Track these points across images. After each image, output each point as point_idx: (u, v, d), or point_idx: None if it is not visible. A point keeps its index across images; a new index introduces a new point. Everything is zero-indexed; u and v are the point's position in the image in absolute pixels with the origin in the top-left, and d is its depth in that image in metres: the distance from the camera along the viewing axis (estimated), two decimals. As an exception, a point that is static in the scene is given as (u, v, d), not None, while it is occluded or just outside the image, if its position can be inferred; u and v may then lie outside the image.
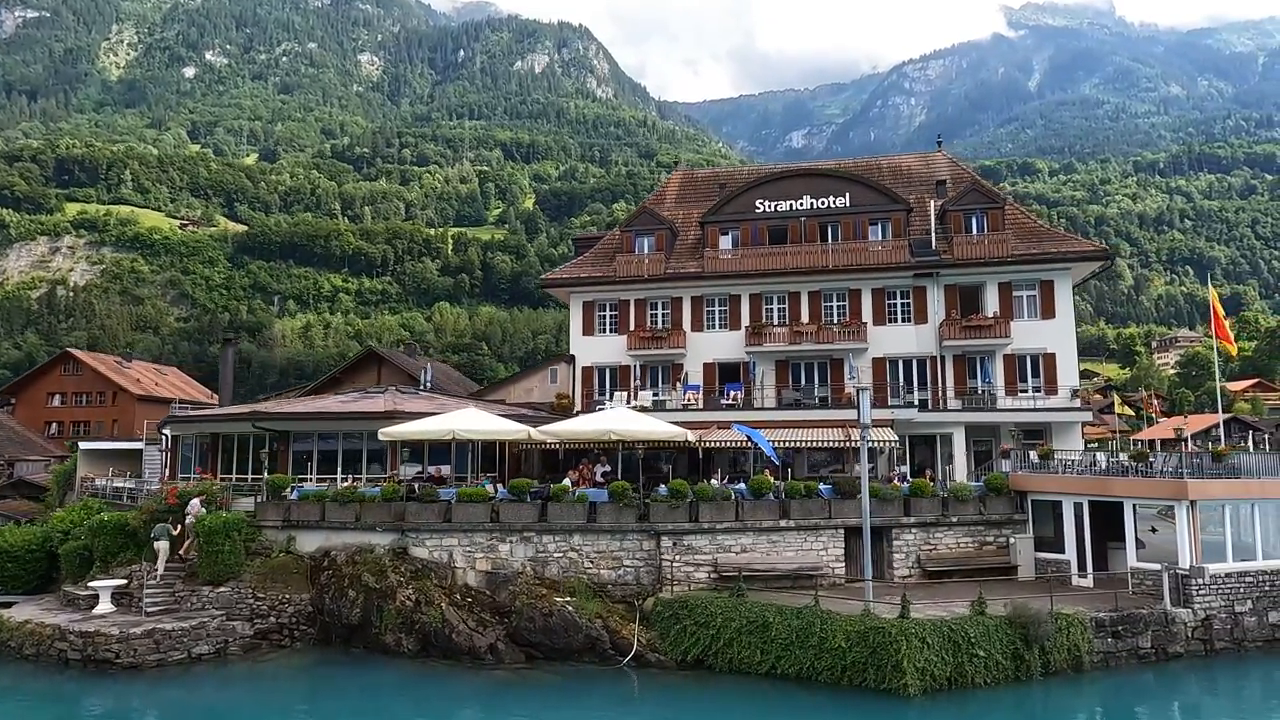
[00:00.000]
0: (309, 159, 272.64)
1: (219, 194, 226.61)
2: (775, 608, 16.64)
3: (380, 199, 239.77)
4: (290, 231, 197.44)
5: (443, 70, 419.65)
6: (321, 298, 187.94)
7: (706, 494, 19.00)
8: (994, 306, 28.59)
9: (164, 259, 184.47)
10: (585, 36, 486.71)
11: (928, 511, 20.55)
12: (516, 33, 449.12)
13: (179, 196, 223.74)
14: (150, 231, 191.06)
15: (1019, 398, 27.94)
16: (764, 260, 29.90)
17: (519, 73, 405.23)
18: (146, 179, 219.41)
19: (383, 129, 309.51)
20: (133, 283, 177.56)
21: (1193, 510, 18.54)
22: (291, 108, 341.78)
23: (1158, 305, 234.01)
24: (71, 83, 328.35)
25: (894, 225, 29.78)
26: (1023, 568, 20.76)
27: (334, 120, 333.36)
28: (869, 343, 29.19)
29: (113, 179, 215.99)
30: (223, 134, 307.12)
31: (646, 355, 30.55)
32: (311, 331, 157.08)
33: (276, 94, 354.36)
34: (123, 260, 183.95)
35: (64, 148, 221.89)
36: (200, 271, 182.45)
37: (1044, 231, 29.27)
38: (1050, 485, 20.83)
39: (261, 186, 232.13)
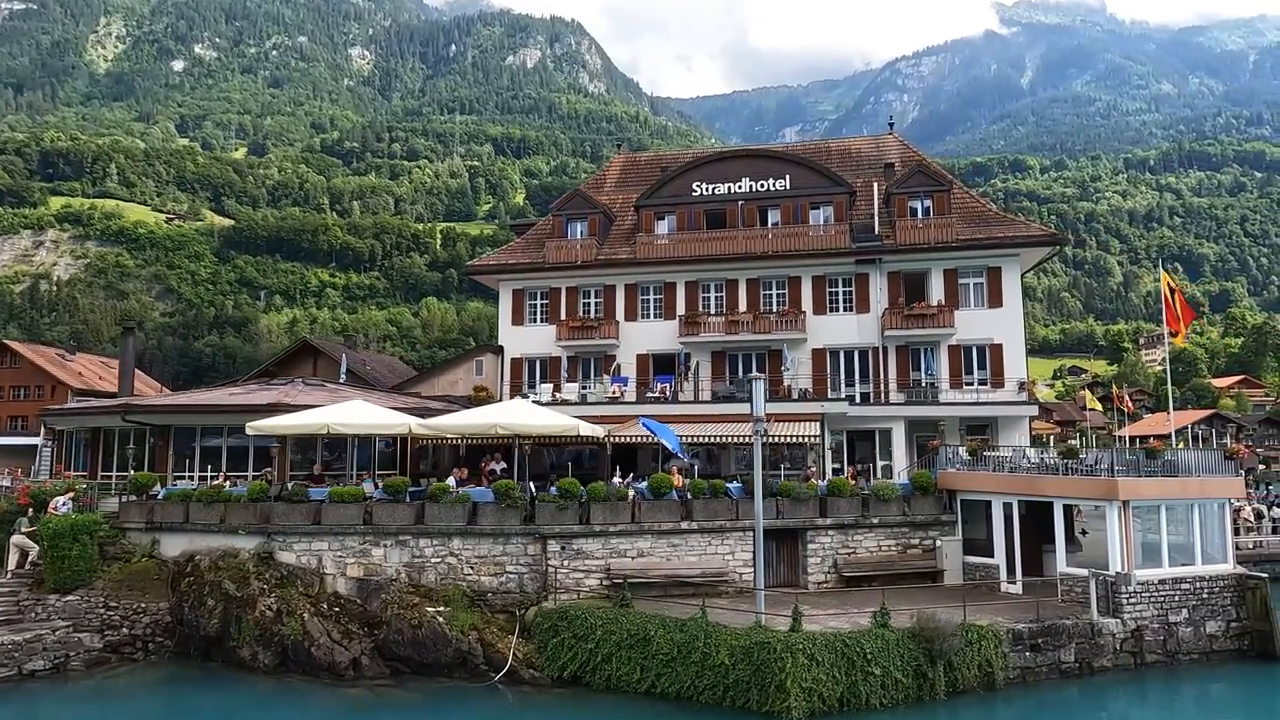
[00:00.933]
0: (298, 153, 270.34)
1: (206, 188, 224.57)
2: (659, 619, 15.10)
3: (369, 194, 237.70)
4: (277, 226, 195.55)
5: (434, 64, 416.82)
6: (308, 292, 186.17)
7: (599, 494, 17.43)
8: (939, 295, 27.09)
9: (149, 253, 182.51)
10: (578, 31, 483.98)
11: (846, 512, 19.02)
12: (508, 27, 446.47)
13: (165, 190, 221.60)
14: (135, 225, 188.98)
15: (964, 391, 26.47)
16: (699, 245, 28.32)
17: (511, 67, 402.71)
18: (132, 172, 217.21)
19: (373, 123, 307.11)
20: (117, 277, 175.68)
21: (1125, 511, 17.05)
22: (281, 102, 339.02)
23: (1146, 302, 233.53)
24: (58, 75, 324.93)
25: (836, 209, 28.23)
26: (949, 573, 19.25)
27: (324, 114, 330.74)
28: (808, 333, 27.66)
29: (98, 172, 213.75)
30: (211, 128, 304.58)
31: (577, 346, 28.97)
32: (298, 326, 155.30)
33: (266, 88, 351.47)
34: (107, 254, 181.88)
35: (49, 141, 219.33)
36: (186, 266, 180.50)
37: (992, 216, 27.75)
38: (979, 484, 19.33)
39: (249, 180, 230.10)
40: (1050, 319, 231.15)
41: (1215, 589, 17.27)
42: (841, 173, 30.13)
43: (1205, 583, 17.22)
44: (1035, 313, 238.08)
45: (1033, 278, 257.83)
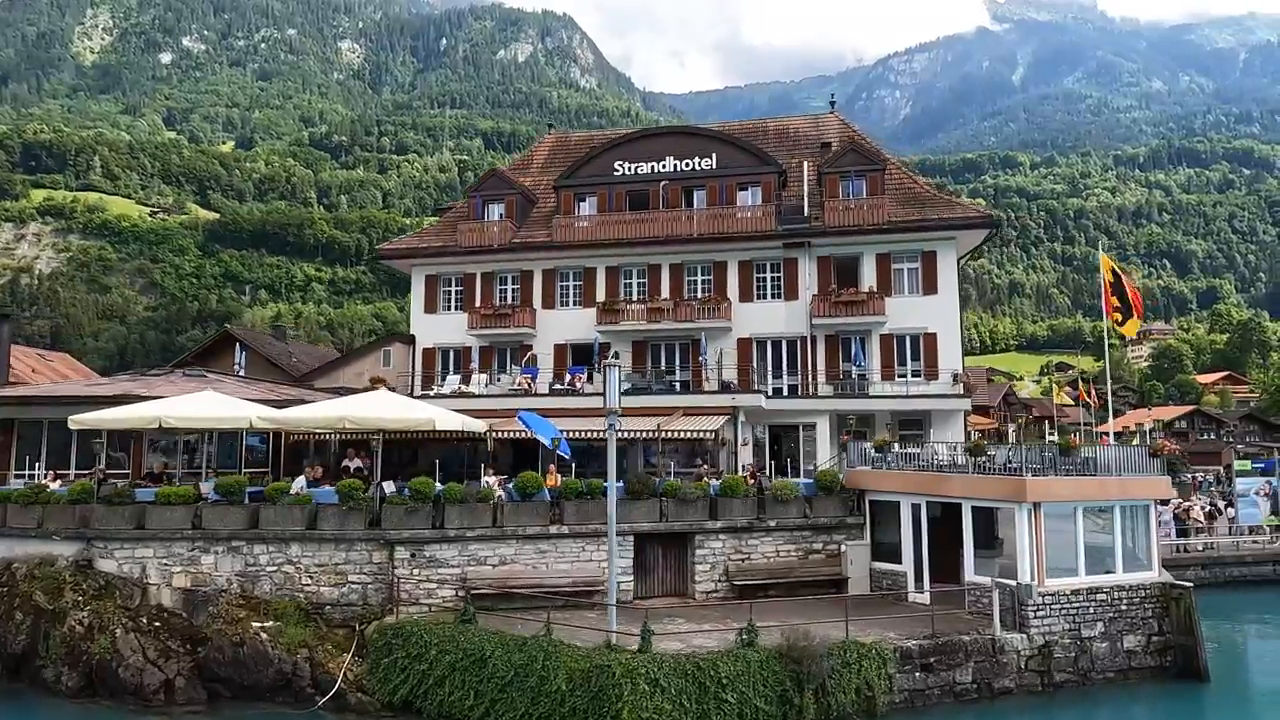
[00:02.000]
0: (285, 147, 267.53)
1: (191, 181, 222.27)
2: (499, 637, 13.38)
3: (357, 187, 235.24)
4: (263, 220, 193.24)
5: (425, 58, 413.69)
6: (294, 287, 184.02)
7: (455, 494, 15.69)
8: (871, 280, 25.40)
9: (132, 247, 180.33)
10: (569, 26, 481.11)
11: (740, 514, 17.31)
12: (500, 21, 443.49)
13: (150, 184, 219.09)
14: (119, 219, 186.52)
15: (896, 383, 24.81)
16: (620, 228, 26.54)
17: (502, 61, 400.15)
18: (116, 165, 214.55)
19: (362, 117, 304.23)
20: (100, 271, 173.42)
21: (1035, 514, 15.40)
22: (270, 95, 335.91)
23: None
24: (44, 67, 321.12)
25: (764, 190, 26.48)
26: (855, 581, 17.58)
27: (313, 108, 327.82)
28: (734, 321, 25.93)
29: (81, 165, 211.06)
30: (199, 121, 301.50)
31: (491, 335, 27.19)
32: (282, 321, 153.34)
33: (254, 81, 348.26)
34: (90, 248, 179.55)
35: (31, 133, 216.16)
36: (169, 260, 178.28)
37: (929, 197, 26.05)
38: (887, 483, 17.64)
39: (235, 174, 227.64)
40: (1039, 315, 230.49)
41: (1136, 600, 15.63)
42: (778, 153, 28.42)
43: (1125, 593, 15.57)
44: (1024, 309, 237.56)
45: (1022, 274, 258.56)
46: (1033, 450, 16.26)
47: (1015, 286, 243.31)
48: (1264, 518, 26.10)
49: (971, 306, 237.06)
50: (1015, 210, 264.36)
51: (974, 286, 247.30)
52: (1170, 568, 25.07)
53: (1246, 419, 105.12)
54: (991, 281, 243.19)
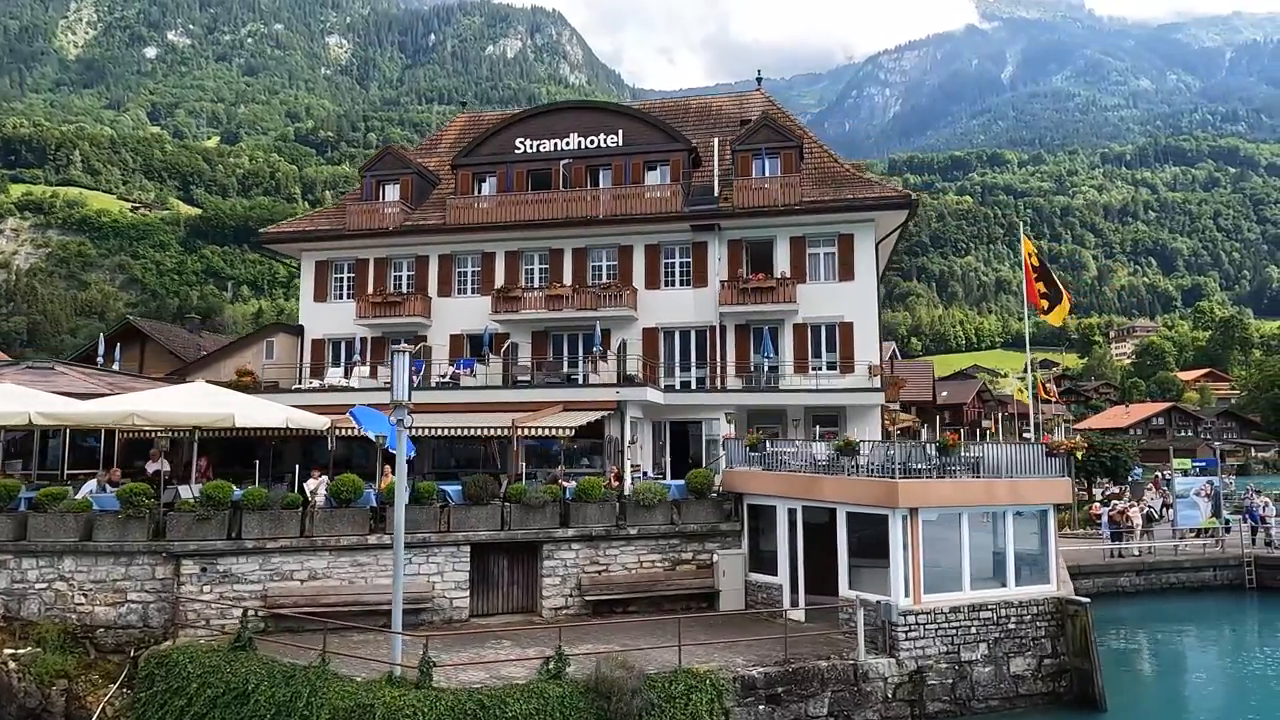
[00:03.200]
0: (271, 142, 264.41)
1: (174, 176, 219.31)
2: (268, 668, 11.53)
3: (343, 183, 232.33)
4: (245, 215, 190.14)
5: (413, 54, 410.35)
6: (276, 283, 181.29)
7: (255, 499, 13.80)
8: (785, 266, 23.61)
9: (113, 242, 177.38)
10: (559, 22, 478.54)
11: (596, 521, 15.49)
12: (489, 17, 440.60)
13: (131, 179, 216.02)
14: (99, 214, 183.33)
15: (809, 376, 23.01)
16: (519, 209, 24.63)
17: (490, 57, 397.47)
18: (98, 160, 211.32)
19: (349, 113, 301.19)
20: (79, 267, 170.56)
21: (912, 521, 13.63)
22: (256, 90, 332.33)
23: (1120, 296, 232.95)
24: (27, 61, 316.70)
25: (673, 169, 24.61)
26: (729, 594, 15.76)
27: (299, 103, 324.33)
28: (639, 310, 24.07)
29: (61, 160, 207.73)
30: (183, 116, 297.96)
31: (381, 325, 25.25)
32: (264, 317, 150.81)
33: (240, 76, 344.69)
34: (69, 243, 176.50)
35: (10, 128, 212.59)
36: (150, 256, 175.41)
37: (847, 176, 24.23)
38: (762, 485, 15.84)
39: (219, 169, 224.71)
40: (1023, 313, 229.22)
41: (1027, 617, 13.87)
42: (699, 132, 26.59)
43: (1014, 610, 13.81)
44: (1010, 306, 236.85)
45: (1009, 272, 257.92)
46: (915, 449, 14.43)
47: (1001, 284, 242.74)
48: (1204, 520, 24.44)
49: (958, 303, 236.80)
50: (1002, 208, 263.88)
51: (960, 284, 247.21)
52: (1103, 575, 23.50)
53: (1224, 416, 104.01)
54: (978, 279, 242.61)
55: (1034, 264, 20.93)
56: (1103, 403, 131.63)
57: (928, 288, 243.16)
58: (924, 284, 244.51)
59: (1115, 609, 23.19)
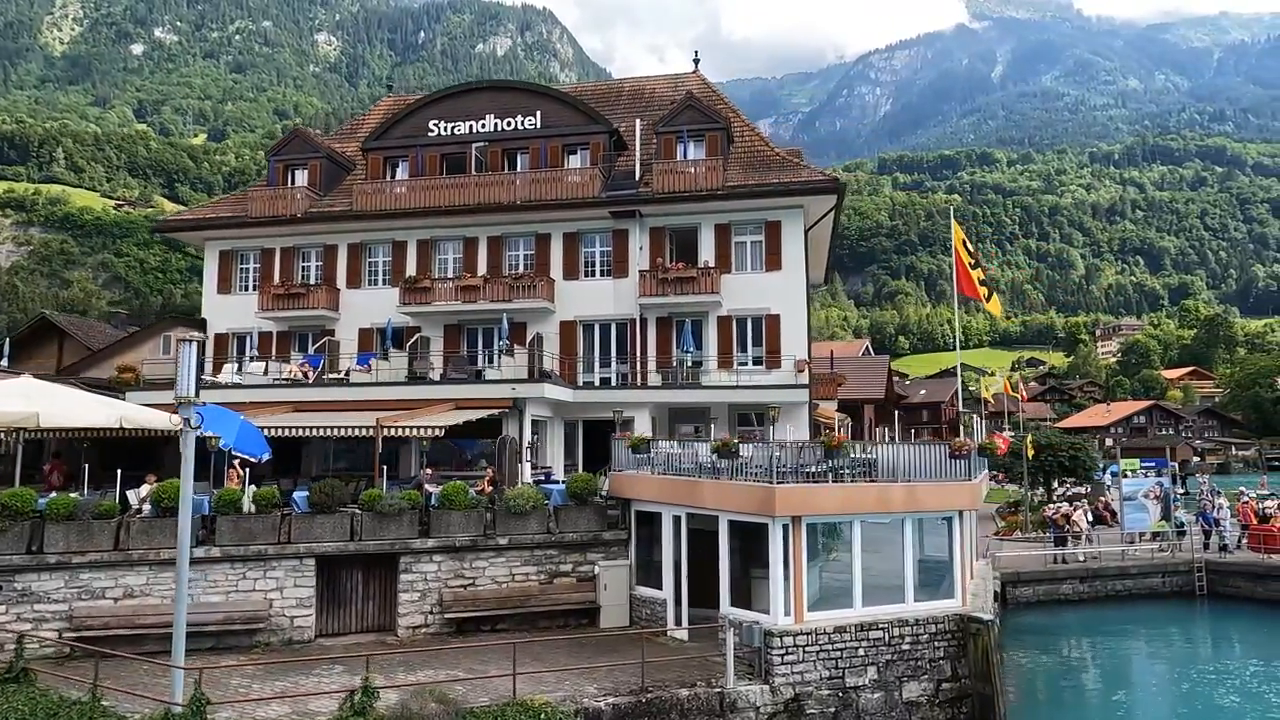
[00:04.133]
0: (258, 139, 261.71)
1: (159, 174, 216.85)
2: (32, 704, 10.11)
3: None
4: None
5: (402, 51, 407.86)
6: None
7: (61, 508, 12.38)
8: (710, 255, 22.25)
9: (96, 240, 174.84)
10: (549, 20, 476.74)
11: (461, 530, 14.10)
12: (479, 15, 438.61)
13: (116, 176, 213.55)
14: (81, 211, 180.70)
15: (734, 372, 21.66)
16: (430, 195, 23.17)
17: (481, 55, 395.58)
18: (81, 157, 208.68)
19: (338, 110, 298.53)
20: (62, 265, 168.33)
21: (794, 531, 12.28)
22: (244, 87, 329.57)
23: (1108, 295, 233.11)
24: (12, 58, 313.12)
25: (593, 152, 23.21)
26: (612, 610, 14.38)
27: (287, 100, 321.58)
28: (556, 302, 22.69)
29: (44, 157, 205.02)
30: (170, 113, 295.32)
31: (286, 317, 23.77)
32: None
33: (228, 73, 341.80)
34: (51, 241, 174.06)
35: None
36: (134, 254, 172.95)
37: (776, 160, 22.88)
38: (648, 490, 14.46)
39: (204, 167, 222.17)
40: (1012, 311, 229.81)
41: (924, 637, 12.53)
42: (631, 116, 25.18)
43: (909, 629, 12.47)
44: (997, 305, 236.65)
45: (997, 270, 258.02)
46: (806, 450, 13.07)
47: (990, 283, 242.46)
48: (1153, 523, 23.18)
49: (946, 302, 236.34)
50: (991, 207, 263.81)
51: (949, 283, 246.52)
52: (1045, 582, 22.21)
53: (1205, 414, 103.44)
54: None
55: (968, 249, 19.61)
56: (1087, 401, 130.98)
57: (916, 286, 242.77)
58: (913, 283, 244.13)
59: (1058, 617, 21.95)
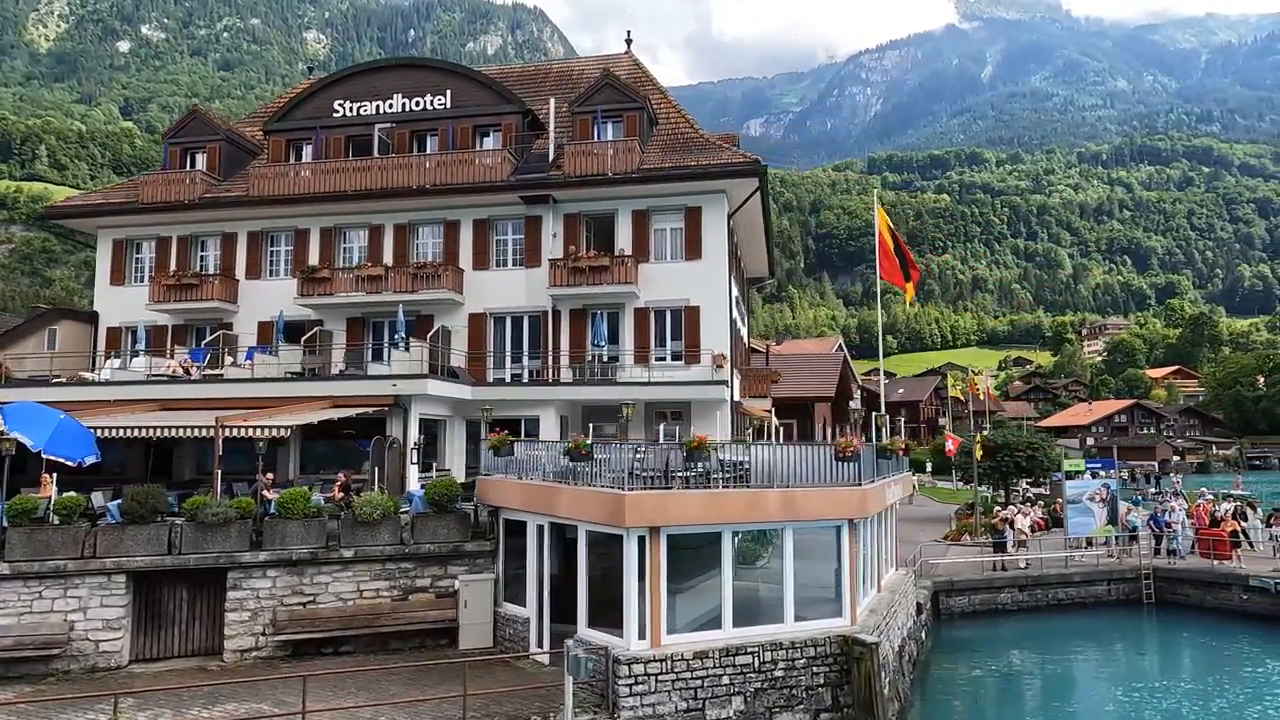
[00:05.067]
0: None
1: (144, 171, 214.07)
2: None
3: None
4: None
5: (392, 49, 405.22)
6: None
7: None
8: (627, 243, 20.89)
9: (78, 238, 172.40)
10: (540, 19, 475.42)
11: (301, 541, 12.69)
12: (469, 13, 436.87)
13: (100, 174, 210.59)
14: None
15: (651, 367, 20.28)
16: (333, 179, 21.67)
17: (471, 53, 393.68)
18: (64, 155, 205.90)
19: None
20: (44, 263, 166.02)
21: (652, 543, 10.91)
22: (231, 85, 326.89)
23: (1095, 294, 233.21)
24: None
25: (505, 134, 21.81)
26: (472, 629, 12.96)
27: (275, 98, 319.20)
28: (465, 293, 21.26)
29: (26, 154, 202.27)
30: (157, 110, 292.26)
31: (181, 310, 22.26)
32: None
33: (216, 70, 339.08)
34: (33, 239, 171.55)
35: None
36: None
37: (700, 143, 21.54)
38: (511, 497, 13.09)
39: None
40: (1000, 310, 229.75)
41: (800, 662, 11.18)
42: (561, 100, 23.78)
43: (784, 653, 11.12)
44: (986, 304, 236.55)
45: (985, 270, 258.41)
46: (673, 452, 11.68)
47: (978, 282, 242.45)
48: (1098, 528, 21.90)
49: (934, 301, 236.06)
50: (980, 206, 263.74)
51: (937, 282, 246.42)
52: (981, 591, 20.89)
53: (1186, 413, 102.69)
54: (955, 277, 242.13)
55: (888, 236, 18.30)
56: (1071, 400, 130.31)
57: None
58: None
59: (995, 629, 20.61)
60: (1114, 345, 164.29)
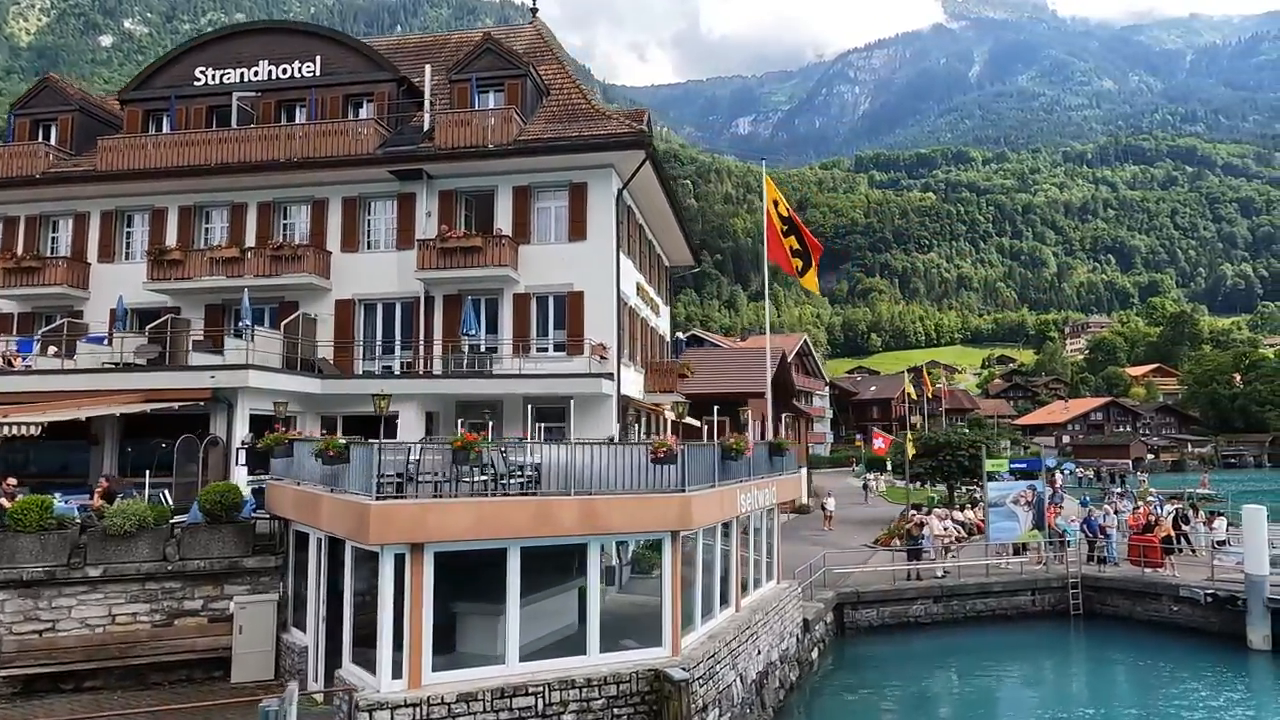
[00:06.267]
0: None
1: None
2: None
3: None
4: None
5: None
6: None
7: None
8: (507, 222, 19.10)
9: None
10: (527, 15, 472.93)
11: (35, 559, 10.79)
12: (456, 9, 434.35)
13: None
14: None
15: (531, 358, 18.49)
16: (190, 153, 19.76)
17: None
18: None
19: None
20: None
21: (413, 562, 9.10)
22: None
23: (1079, 292, 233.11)
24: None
25: (378, 103, 19.99)
26: (248, 659, 11.13)
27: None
28: (333, 277, 19.43)
29: None
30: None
31: (26, 295, 20.28)
32: None
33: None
34: None
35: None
36: None
37: (589, 113, 19.77)
38: (288, 505, 11.25)
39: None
40: (985, 309, 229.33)
41: (598, 702, 9.38)
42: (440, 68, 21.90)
43: (576, 691, 9.35)
44: (970, 303, 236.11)
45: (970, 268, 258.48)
46: (439, 453, 9.83)
47: (963, 280, 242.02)
48: (1023, 532, 20.24)
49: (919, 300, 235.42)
50: (965, 205, 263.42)
51: (922, 280, 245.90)
52: (891, 602, 19.16)
53: (1163, 411, 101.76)
54: (940, 275, 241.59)
55: (781, 214, 16.55)
56: (1051, 398, 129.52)
57: (890, 284, 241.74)
58: (886, 280, 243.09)
59: (905, 644, 18.87)
60: (1096, 343, 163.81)
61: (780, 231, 16.40)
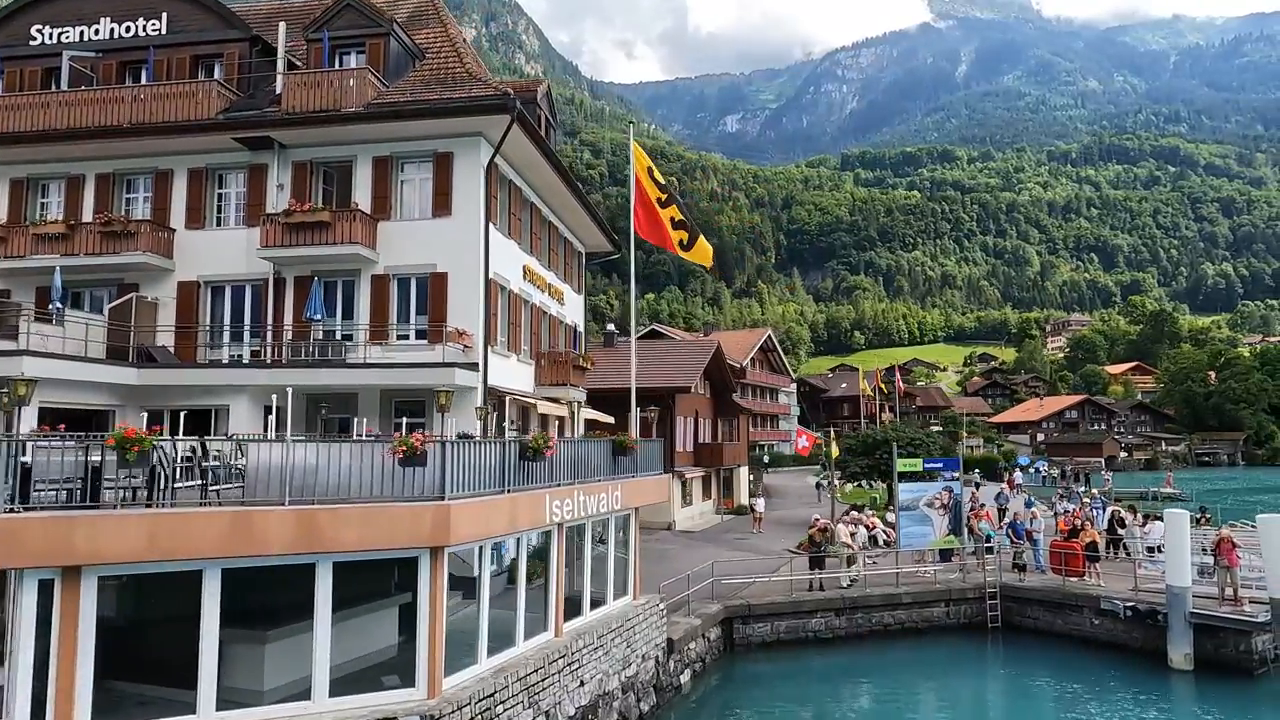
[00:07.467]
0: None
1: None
2: None
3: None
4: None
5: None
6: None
7: None
8: (366, 195, 17.31)
9: None
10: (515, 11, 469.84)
11: None
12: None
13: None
14: None
15: (390, 346, 16.72)
16: (16, 117, 17.84)
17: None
18: None
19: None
20: None
21: (62, 592, 7.30)
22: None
23: (1062, 291, 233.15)
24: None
25: (229, 64, 18.14)
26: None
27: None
28: (175, 256, 17.57)
29: None
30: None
31: None
32: None
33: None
34: None
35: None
36: None
37: (460, 77, 17.97)
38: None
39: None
40: (968, 307, 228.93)
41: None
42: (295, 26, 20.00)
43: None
44: (954, 301, 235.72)
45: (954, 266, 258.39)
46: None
47: (947, 278, 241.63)
48: (937, 539, 18.64)
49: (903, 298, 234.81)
50: (950, 203, 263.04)
51: (906, 279, 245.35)
52: (788, 616, 17.50)
53: (1138, 409, 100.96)
54: (924, 274, 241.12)
55: (656, 180, 14.79)
56: (1029, 396, 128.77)
57: (874, 282, 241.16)
58: (870, 278, 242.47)
59: (801, 662, 17.14)
60: (1076, 341, 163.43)
61: (657, 201, 14.66)
